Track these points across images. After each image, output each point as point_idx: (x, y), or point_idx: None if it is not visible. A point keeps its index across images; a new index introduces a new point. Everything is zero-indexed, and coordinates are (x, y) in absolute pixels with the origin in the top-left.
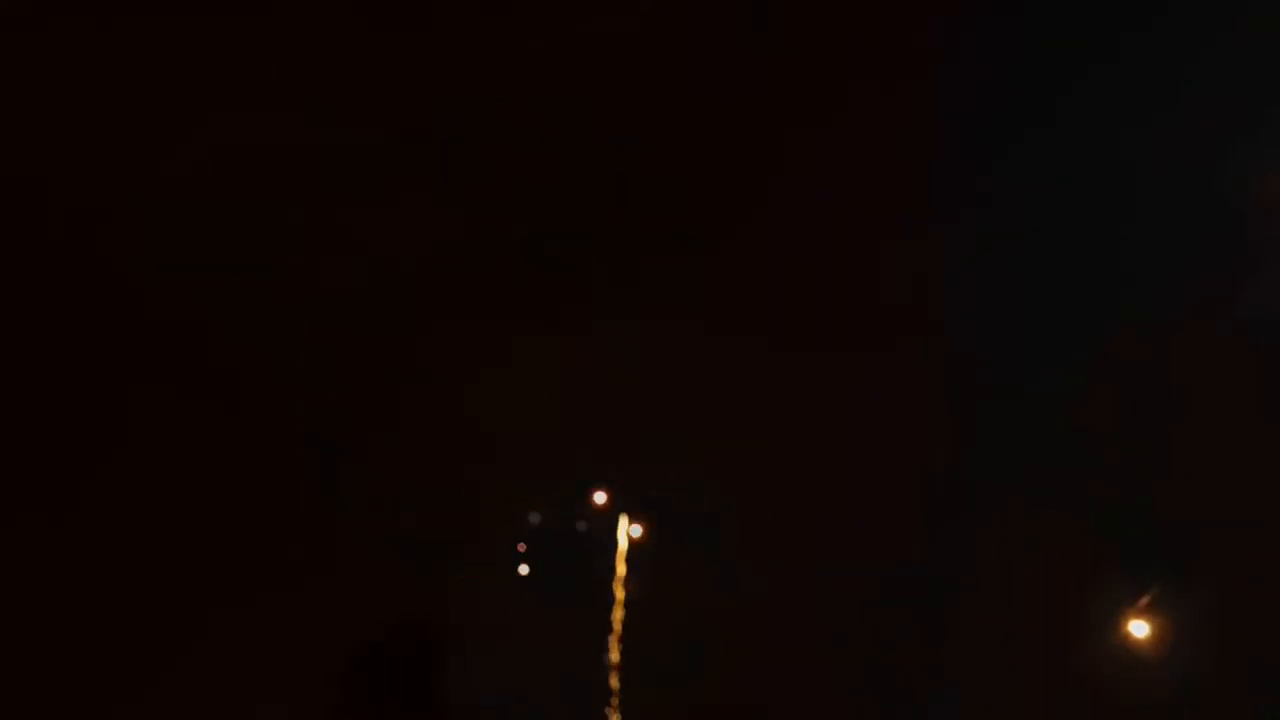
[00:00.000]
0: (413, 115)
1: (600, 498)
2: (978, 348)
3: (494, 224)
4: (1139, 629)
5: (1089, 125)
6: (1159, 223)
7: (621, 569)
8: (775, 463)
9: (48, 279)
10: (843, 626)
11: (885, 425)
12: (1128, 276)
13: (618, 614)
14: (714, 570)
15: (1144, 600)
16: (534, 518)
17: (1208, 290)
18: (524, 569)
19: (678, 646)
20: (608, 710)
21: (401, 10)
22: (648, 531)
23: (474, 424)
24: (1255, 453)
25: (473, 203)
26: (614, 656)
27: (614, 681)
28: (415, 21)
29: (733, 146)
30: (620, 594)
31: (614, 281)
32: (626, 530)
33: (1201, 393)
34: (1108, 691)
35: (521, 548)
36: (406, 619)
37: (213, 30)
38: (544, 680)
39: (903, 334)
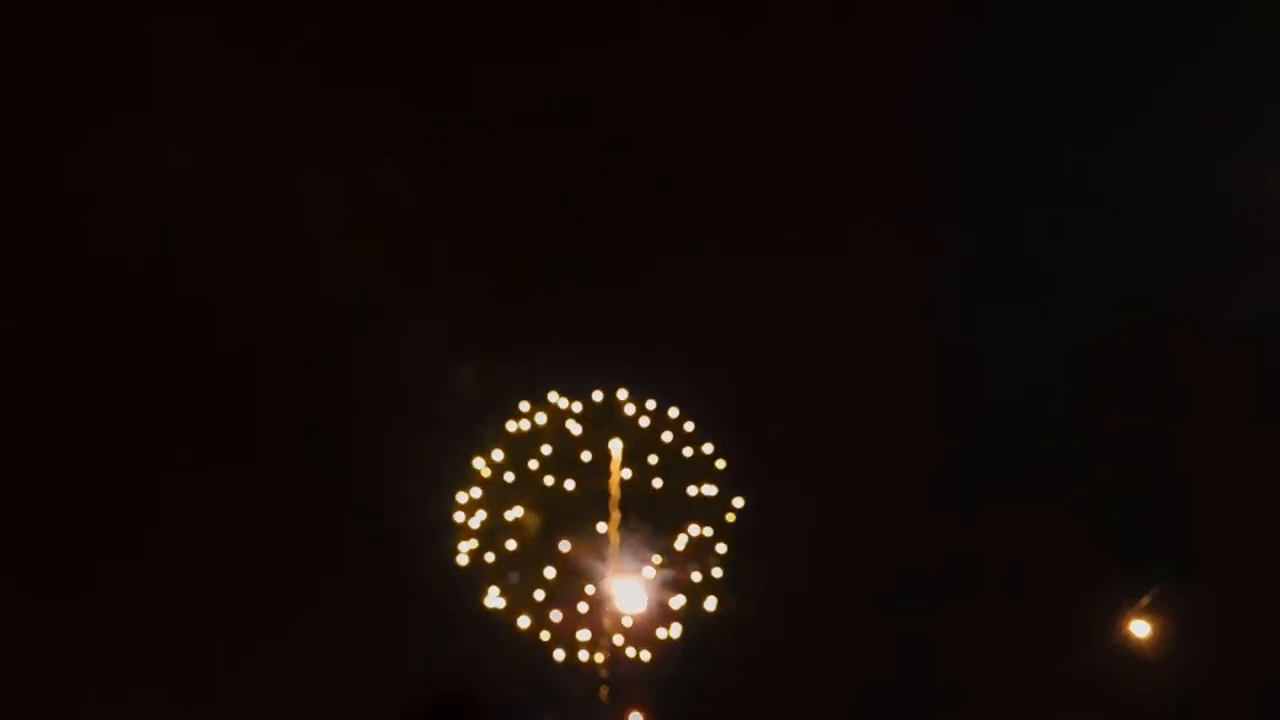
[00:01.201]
0: (414, 115)
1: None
2: (978, 347)
3: (494, 223)
4: (1139, 629)
5: (1089, 125)
6: (1159, 223)
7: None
8: (774, 463)
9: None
10: (843, 626)
11: (885, 426)
12: (1128, 276)
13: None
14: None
15: (1144, 600)
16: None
17: (1208, 290)
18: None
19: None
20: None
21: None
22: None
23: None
24: (1255, 452)
25: (473, 203)
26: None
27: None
28: (417, 23)
29: (733, 146)
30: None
31: (614, 282)
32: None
33: (1201, 393)
34: (1108, 691)
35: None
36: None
37: (216, 28)
38: None
39: (903, 333)
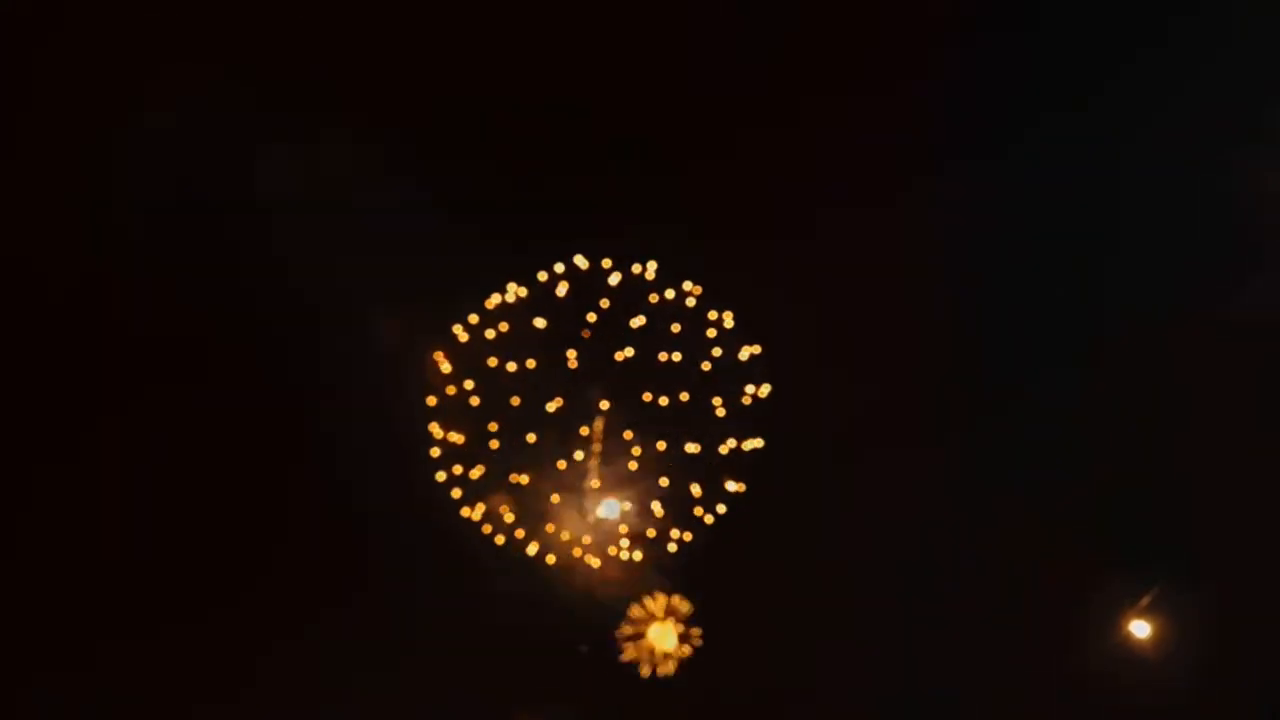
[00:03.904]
0: (415, 115)
1: None
2: (978, 347)
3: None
4: (1139, 629)
5: (1089, 125)
6: (1159, 222)
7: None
8: (776, 464)
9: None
10: (844, 625)
11: (886, 426)
12: (1128, 276)
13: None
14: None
15: (1144, 600)
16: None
17: (1208, 290)
18: None
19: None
20: None
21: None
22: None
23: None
24: (1255, 452)
25: (473, 201)
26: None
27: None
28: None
29: (733, 147)
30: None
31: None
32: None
33: (1201, 393)
34: (1107, 690)
35: None
36: None
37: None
38: None
39: (903, 334)
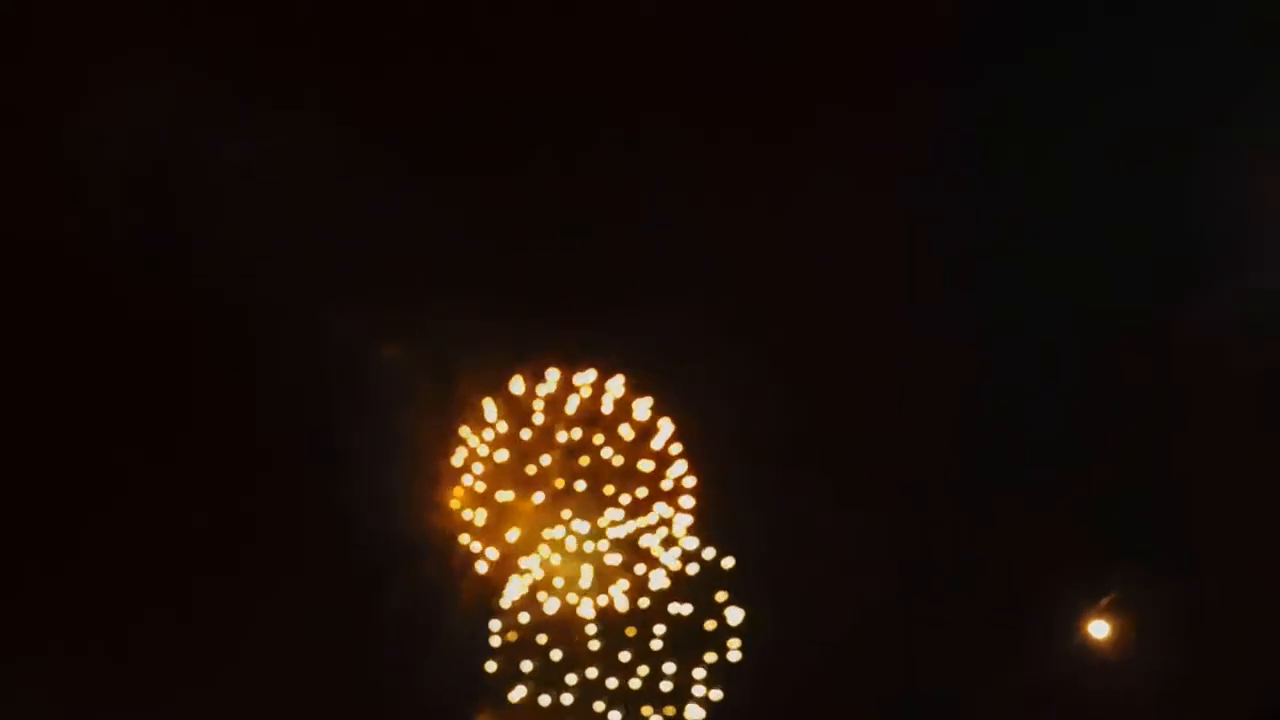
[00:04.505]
0: (412, 114)
1: None
2: (978, 346)
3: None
4: (1099, 629)
5: (1088, 124)
6: (1159, 222)
7: None
8: (774, 465)
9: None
10: (836, 625)
11: (882, 426)
12: (1128, 276)
13: None
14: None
15: (1143, 601)
16: None
17: (1207, 290)
18: None
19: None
20: None
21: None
22: None
23: None
24: (1255, 452)
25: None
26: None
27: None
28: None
29: (733, 146)
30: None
31: (613, 288)
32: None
33: (1201, 393)
34: (1107, 690)
35: None
36: None
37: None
38: None
39: (901, 334)
